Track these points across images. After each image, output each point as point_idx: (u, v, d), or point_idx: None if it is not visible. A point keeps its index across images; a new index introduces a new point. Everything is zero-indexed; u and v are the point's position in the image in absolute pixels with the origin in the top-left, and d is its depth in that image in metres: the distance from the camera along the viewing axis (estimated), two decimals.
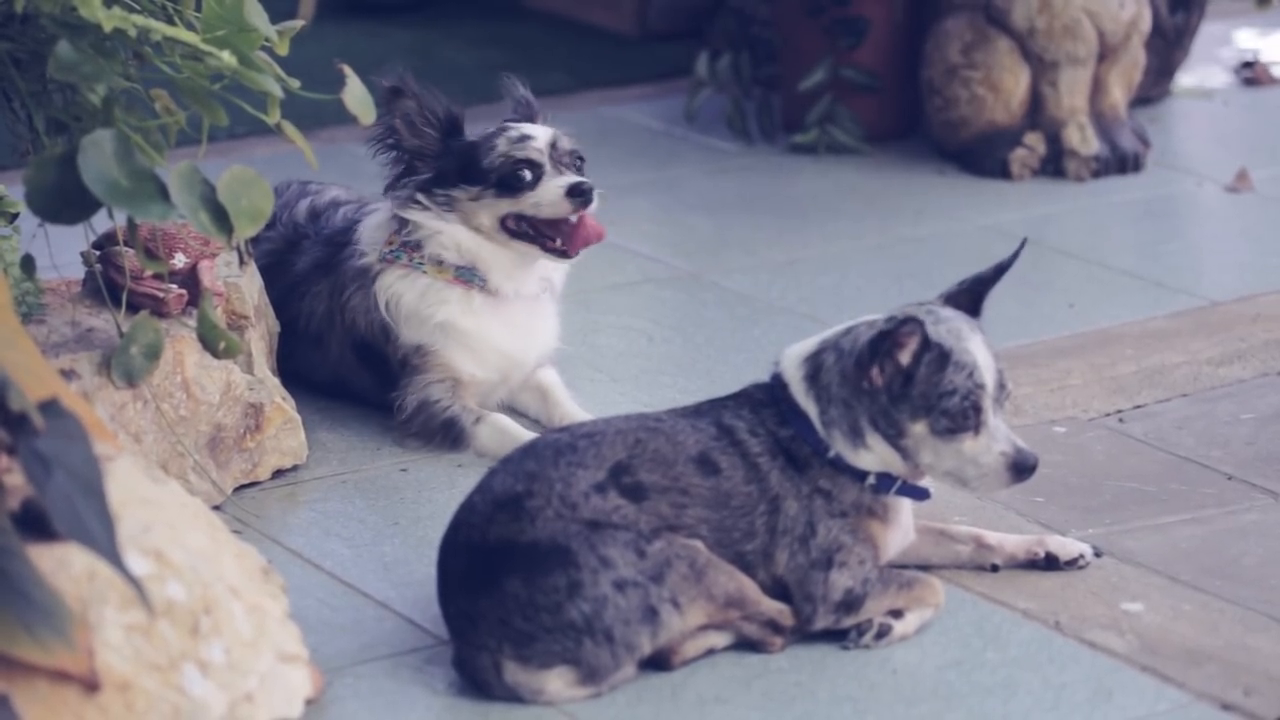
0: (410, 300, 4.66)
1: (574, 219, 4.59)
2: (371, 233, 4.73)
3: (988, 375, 3.76)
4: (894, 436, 3.77)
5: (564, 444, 3.74)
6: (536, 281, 4.70)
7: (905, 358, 3.74)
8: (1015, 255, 3.91)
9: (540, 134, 4.63)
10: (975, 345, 3.77)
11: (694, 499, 3.75)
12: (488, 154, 4.61)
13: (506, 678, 3.62)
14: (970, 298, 3.90)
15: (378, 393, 4.72)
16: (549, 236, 4.62)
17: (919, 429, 3.76)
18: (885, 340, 3.73)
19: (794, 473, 3.80)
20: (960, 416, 3.74)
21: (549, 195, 4.58)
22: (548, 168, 4.59)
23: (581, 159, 4.66)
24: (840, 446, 3.80)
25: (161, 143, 3.79)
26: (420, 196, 4.64)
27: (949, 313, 3.82)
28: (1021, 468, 3.78)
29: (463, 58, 7.43)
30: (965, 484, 3.82)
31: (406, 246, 4.66)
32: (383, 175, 4.69)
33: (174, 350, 4.23)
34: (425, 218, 4.64)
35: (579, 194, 4.57)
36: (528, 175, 4.59)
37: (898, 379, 3.74)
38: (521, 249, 4.64)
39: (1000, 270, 3.90)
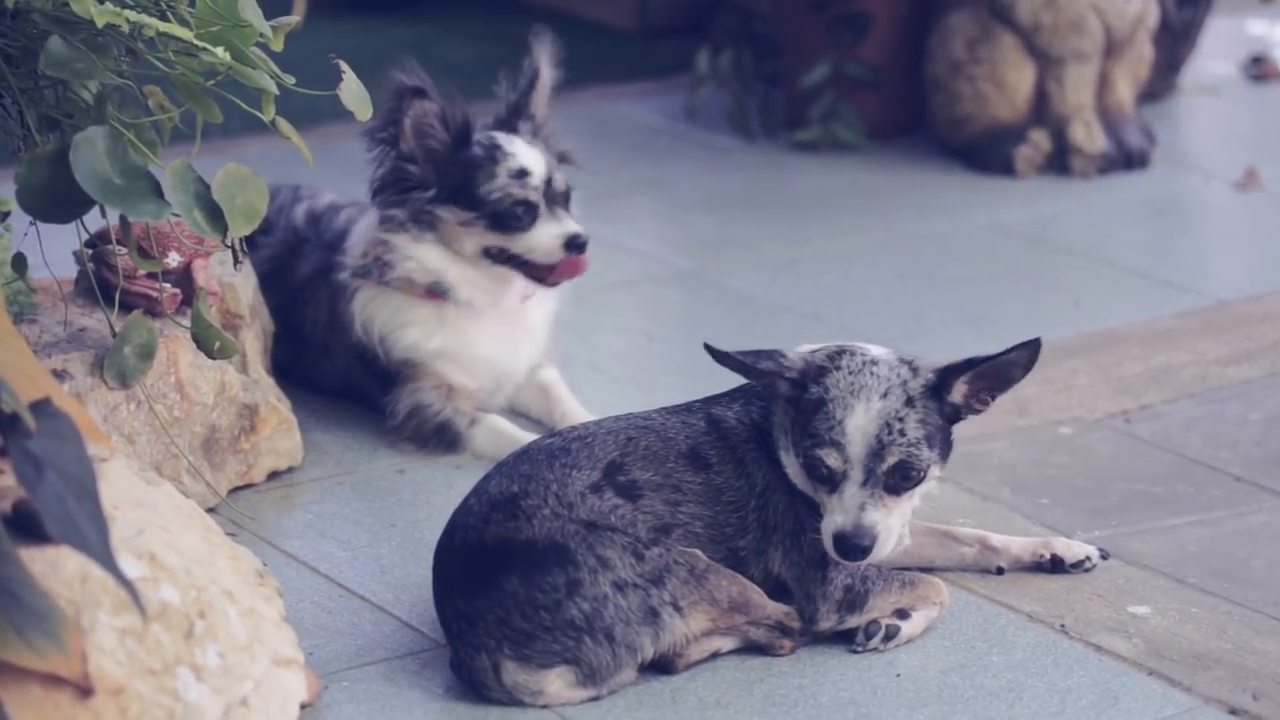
0: (382, 322, 4.61)
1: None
2: (355, 243, 4.66)
3: (854, 439, 3.64)
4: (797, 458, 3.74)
5: (557, 447, 3.73)
6: (515, 294, 4.64)
7: (783, 389, 3.69)
8: (999, 354, 3.68)
9: (537, 169, 4.54)
10: (860, 406, 3.65)
11: (687, 495, 3.73)
12: (486, 181, 4.53)
13: (505, 679, 3.59)
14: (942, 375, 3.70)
15: (386, 398, 4.67)
16: (531, 266, 4.57)
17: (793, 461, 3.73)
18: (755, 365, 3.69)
19: (777, 466, 3.77)
20: (810, 466, 3.68)
21: (544, 243, 4.53)
22: (542, 208, 4.54)
23: (570, 194, 4.60)
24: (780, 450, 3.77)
25: (155, 140, 3.78)
26: (396, 211, 4.56)
27: (880, 368, 3.66)
28: (845, 547, 3.64)
29: (460, 53, 7.40)
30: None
31: (379, 262, 4.60)
32: (370, 172, 4.63)
33: (168, 350, 4.20)
34: (400, 240, 4.58)
35: (575, 247, 4.52)
36: (524, 216, 4.54)
37: (789, 406, 3.69)
38: (500, 272, 4.59)
39: (970, 364, 3.69)
